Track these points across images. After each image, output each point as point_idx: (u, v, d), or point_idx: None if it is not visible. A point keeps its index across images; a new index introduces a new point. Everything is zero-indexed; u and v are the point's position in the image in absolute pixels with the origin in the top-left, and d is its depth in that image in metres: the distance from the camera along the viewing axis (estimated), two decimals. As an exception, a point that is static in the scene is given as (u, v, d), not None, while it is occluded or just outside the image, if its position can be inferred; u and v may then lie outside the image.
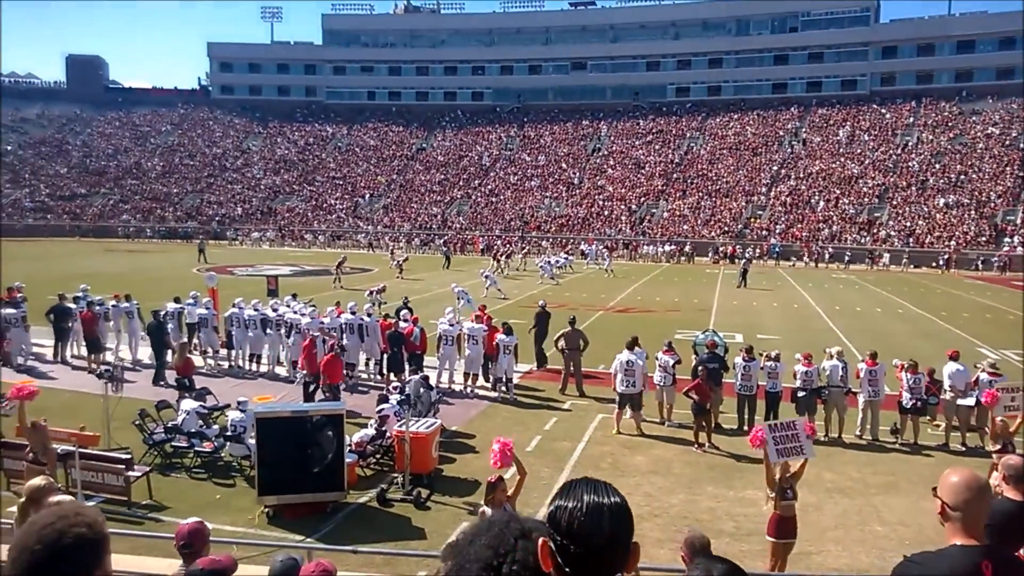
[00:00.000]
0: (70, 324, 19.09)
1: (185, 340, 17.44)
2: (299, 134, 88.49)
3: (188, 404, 12.35)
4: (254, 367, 18.05)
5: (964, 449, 13.41)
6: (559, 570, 1.78)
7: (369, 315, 18.03)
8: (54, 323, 19.01)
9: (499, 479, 8.16)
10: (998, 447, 10.30)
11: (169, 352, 18.03)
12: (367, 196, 75.64)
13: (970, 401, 13.48)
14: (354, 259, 49.34)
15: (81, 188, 78.73)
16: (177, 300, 19.42)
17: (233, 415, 11.93)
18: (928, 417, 14.15)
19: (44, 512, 2.17)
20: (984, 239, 53.82)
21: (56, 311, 19.02)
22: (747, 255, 46.82)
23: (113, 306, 19.33)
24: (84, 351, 18.65)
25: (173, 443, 11.77)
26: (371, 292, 27.08)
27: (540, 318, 18.72)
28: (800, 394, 13.78)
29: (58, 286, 22.13)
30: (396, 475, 11.03)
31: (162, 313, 18.66)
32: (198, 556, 4.73)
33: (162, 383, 16.57)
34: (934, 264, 51.13)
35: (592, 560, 1.75)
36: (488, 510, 7.60)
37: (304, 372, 15.23)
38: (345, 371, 15.90)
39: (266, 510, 9.88)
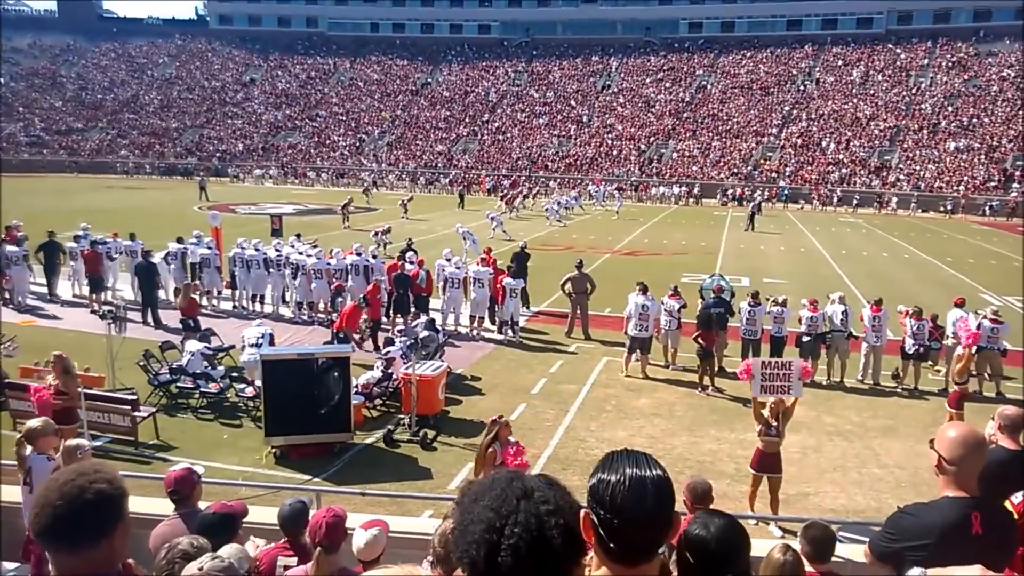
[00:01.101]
0: (60, 261, 19.13)
1: (189, 280, 17.39)
2: (300, 67, 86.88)
3: (193, 345, 12.39)
4: (257, 307, 18.06)
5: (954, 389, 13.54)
6: (602, 543, 1.78)
7: (375, 256, 17.98)
8: (44, 260, 19.02)
9: (500, 416, 8.27)
10: (963, 380, 11.20)
11: (161, 292, 18.11)
12: (376, 132, 74.71)
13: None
14: (358, 199, 49.07)
15: (77, 122, 77.55)
16: (180, 240, 19.30)
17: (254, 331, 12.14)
18: (929, 363, 14.21)
19: (65, 469, 2.20)
20: (993, 184, 53.23)
21: (45, 248, 19.00)
22: (756, 198, 46.23)
23: (112, 244, 19.19)
24: (86, 290, 18.64)
25: (179, 384, 11.85)
26: (376, 233, 26.97)
27: (518, 258, 18.48)
28: (804, 339, 13.81)
29: (57, 223, 22.03)
30: (402, 416, 11.13)
31: (164, 254, 18.63)
32: (187, 502, 4.76)
33: (151, 324, 16.57)
34: (942, 208, 50.72)
35: (635, 533, 1.75)
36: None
37: (366, 318, 15.31)
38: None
39: (273, 450, 9.99)
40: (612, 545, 1.76)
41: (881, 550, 3.29)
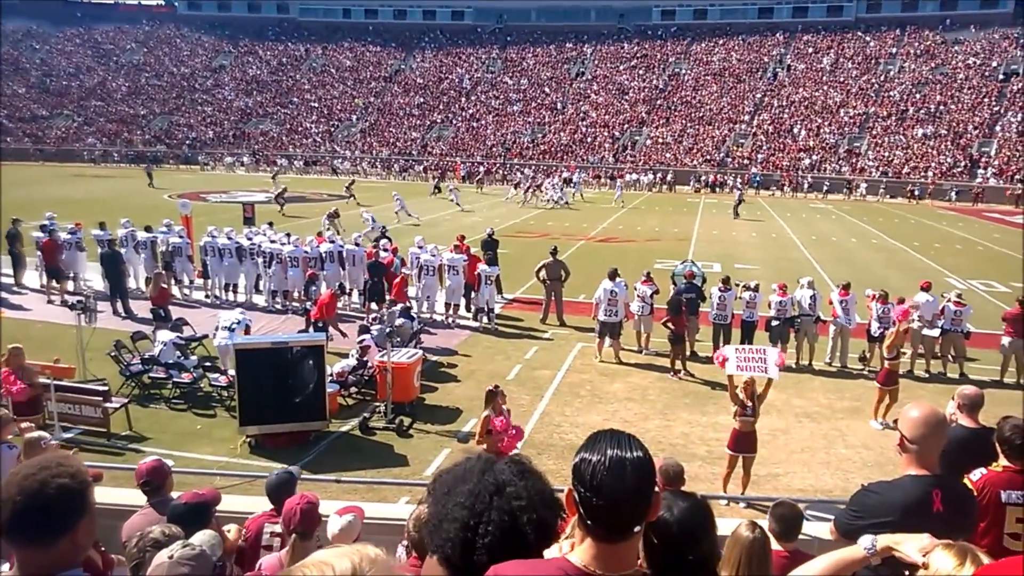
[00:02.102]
0: (20, 249, 18.91)
1: (160, 270, 17.20)
2: (271, 53, 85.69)
3: (164, 335, 12.27)
4: (230, 296, 17.91)
5: (928, 375, 13.84)
6: (583, 519, 1.84)
7: (357, 244, 17.84)
8: (9, 250, 18.78)
9: (496, 387, 8.51)
10: (891, 356, 11.44)
11: (131, 280, 17.93)
12: (353, 118, 74.02)
13: (936, 332, 13.83)
14: (331, 185, 48.72)
15: (42, 109, 75.80)
16: (148, 229, 19.07)
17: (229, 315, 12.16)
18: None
19: (27, 463, 2.16)
20: (959, 170, 54.10)
21: (9, 238, 18.78)
22: (740, 187, 46.25)
23: (79, 235, 18.89)
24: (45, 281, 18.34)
25: (151, 374, 11.74)
26: (328, 216, 26.98)
27: (487, 245, 18.47)
28: (774, 323, 14.02)
29: (24, 212, 21.59)
30: (378, 404, 11.14)
31: (135, 243, 18.40)
32: (159, 492, 4.76)
33: (122, 314, 16.39)
34: (909, 194, 51.46)
35: (613, 512, 1.80)
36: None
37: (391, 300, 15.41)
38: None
39: (248, 440, 9.97)
40: (591, 522, 1.82)
41: (846, 527, 3.37)
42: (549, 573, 1.83)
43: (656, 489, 1.88)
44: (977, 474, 4.23)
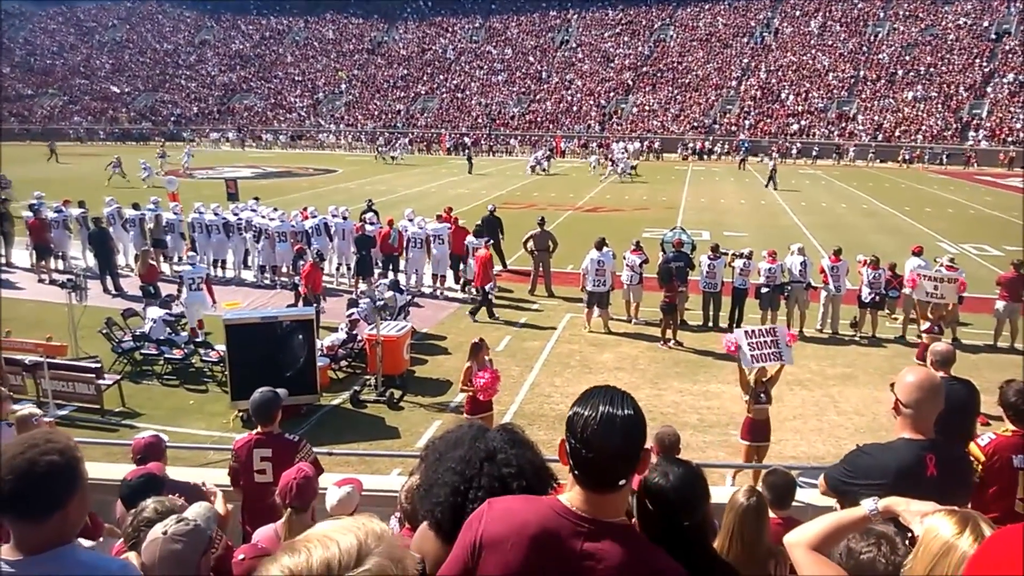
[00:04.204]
0: (11, 230, 18.99)
1: (148, 247, 17.11)
2: (253, 27, 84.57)
3: (154, 312, 12.24)
4: (219, 272, 17.85)
5: (920, 341, 13.86)
6: (572, 469, 1.92)
7: (345, 217, 17.74)
8: None
9: (481, 340, 8.61)
10: (926, 327, 11.17)
11: (122, 257, 17.85)
12: (337, 91, 73.25)
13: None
14: (317, 159, 48.39)
15: (27, 88, 75.03)
16: (136, 206, 18.96)
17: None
18: (886, 311, 14.55)
19: (15, 440, 2.15)
20: (950, 133, 54.06)
21: None
22: (775, 157, 43.86)
23: (65, 213, 18.74)
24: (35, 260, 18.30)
25: (142, 351, 11.73)
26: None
27: (487, 222, 17.99)
28: (764, 290, 14.03)
29: (65, 192, 21.40)
30: (368, 377, 11.16)
31: (123, 221, 18.29)
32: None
33: (112, 292, 16.35)
34: (899, 158, 51.44)
35: (601, 465, 1.87)
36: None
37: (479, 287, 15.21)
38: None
39: (240, 414, 9.97)
40: (578, 473, 1.90)
41: (835, 484, 3.39)
42: (540, 508, 1.93)
43: (646, 446, 1.93)
44: (985, 439, 4.26)
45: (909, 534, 2.25)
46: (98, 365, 10.59)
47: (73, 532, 2.19)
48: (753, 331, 8.45)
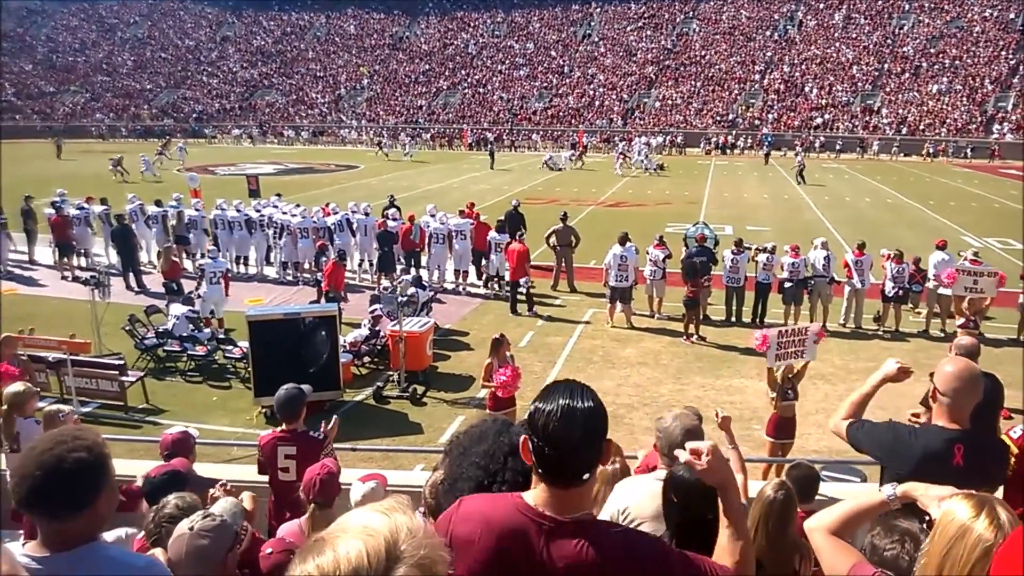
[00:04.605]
0: (34, 226, 19.17)
1: (171, 244, 17.25)
2: (275, 23, 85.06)
3: (177, 309, 12.34)
4: (242, 269, 17.97)
5: (943, 335, 13.65)
6: (536, 466, 1.92)
7: (367, 213, 17.77)
8: (23, 227, 19.05)
9: (502, 335, 8.60)
10: (961, 323, 10.80)
11: (145, 254, 18.02)
12: (359, 87, 73.48)
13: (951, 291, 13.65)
14: (338, 155, 48.61)
15: (49, 86, 75.79)
16: (159, 203, 19.11)
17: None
18: (910, 305, 14.37)
19: (43, 437, 2.16)
20: (975, 126, 53.25)
21: (22, 213, 19.07)
22: (800, 152, 43.13)
23: (88, 210, 18.93)
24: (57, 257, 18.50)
25: (165, 348, 11.83)
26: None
27: (510, 218, 17.77)
28: (787, 285, 13.92)
29: (33, 189, 21.62)
30: (391, 373, 11.19)
31: (145, 217, 18.46)
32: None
33: (134, 289, 16.48)
34: (924, 152, 50.73)
35: (565, 459, 1.87)
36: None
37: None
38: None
39: (263, 410, 10.03)
40: (542, 470, 1.89)
41: (856, 441, 3.46)
42: (505, 507, 1.93)
43: (607, 438, 1.95)
44: (1018, 431, 4.23)
45: (927, 517, 2.24)
46: (121, 362, 10.69)
47: (100, 529, 2.20)
48: (787, 331, 8.28)
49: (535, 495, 1.93)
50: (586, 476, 1.91)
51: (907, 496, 2.39)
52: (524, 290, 14.92)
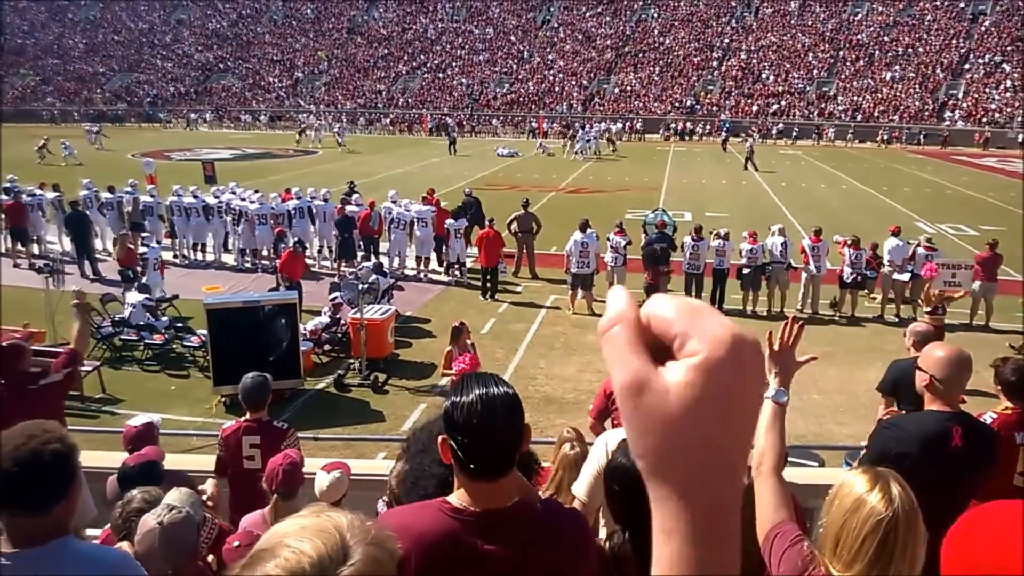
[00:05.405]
0: None
1: (126, 231, 16.89)
2: (230, 5, 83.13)
3: (133, 297, 12.12)
4: (199, 256, 17.69)
5: (897, 320, 13.98)
6: (462, 463, 1.86)
7: (326, 200, 17.60)
8: None
9: (462, 323, 8.61)
10: (928, 310, 10.99)
11: (99, 241, 17.64)
12: (317, 71, 72.43)
13: (906, 276, 13.99)
14: (288, 140, 47.96)
15: (-2, 68, 73.54)
16: (112, 189, 18.66)
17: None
18: (866, 291, 14.69)
19: (8, 433, 2.12)
20: (927, 113, 54.44)
21: None
22: (751, 139, 43.91)
23: (40, 197, 18.42)
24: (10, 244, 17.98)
25: (122, 336, 11.61)
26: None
27: (467, 206, 17.95)
28: (745, 271, 14.12)
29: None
30: (352, 361, 11.14)
31: (99, 204, 18.04)
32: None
33: (90, 277, 16.12)
34: (878, 139, 51.75)
35: (492, 448, 1.85)
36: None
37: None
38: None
39: (223, 399, 9.93)
40: (473, 465, 1.85)
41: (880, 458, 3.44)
42: (432, 516, 1.88)
43: (525, 423, 1.93)
44: (988, 417, 4.36)
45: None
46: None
47: (70, 523, 2.18)
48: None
49: (461, 495, 1.90)
50: (513, 465, 1.90)
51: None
52: (489, 276, 14.96)
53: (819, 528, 1.98)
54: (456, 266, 16.25)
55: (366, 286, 11.09)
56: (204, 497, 4.63)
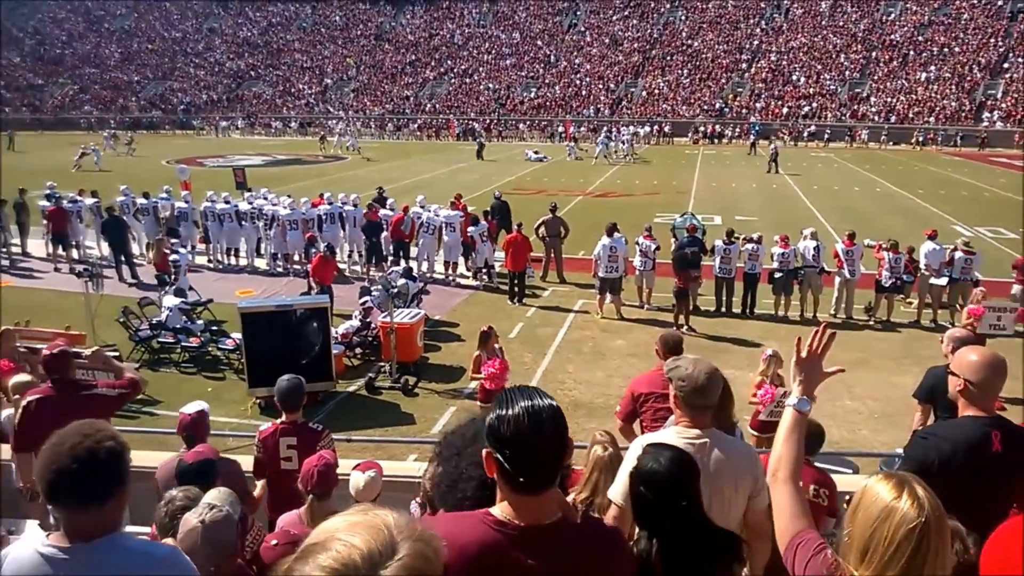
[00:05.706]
0: (26, 218, 19.08)
1: (162, 236, 17.19)
2: (261, 13, 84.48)
3: (170, 300, 12.33)
4: (232, 261, 17.95)
5: (933, 326, 13.71)
6: (508, 476, 1.85)
7: (355, 205, 17.77)
8: (16, 219, 18.96)
9: (490, 328, 8.63)
10: (967, 320, 10.88)
11: (135, 246, 17.97)
12: (345, 77, 73.15)
13: (943, 280, 13.72)
14: (312, 147, 48.43)
15: (37, 78, 75.28)
16: (147, 195, 19.03)
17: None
18: (901, 295, 14.46)
19: (65, 432, 2.21)
20: (964, 114, 53.47)
21: (15, 206, 19.00)
22: (775, 141, 43.54)
23: (80, 203, 18.87)
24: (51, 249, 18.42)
25: (159, 339, 11.83)
26: None
27: (498, 208, 18.03)
28: (776, 275, 13.96)
29: (24, 182, 21.51)
30: (383, 364, 11.22)
31: (134, 210, 18.40)
32: (201, 443, 4.88)
33: (128, 281, 16.46)
34: (913, 141, 50.95)
35: (539, 461, 1.85)
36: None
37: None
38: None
39: (258, 401, 10.06)
40: (521, 478, 1.84)
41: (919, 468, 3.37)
42: (475, 526, 1.88)
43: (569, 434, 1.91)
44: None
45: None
46: (116, 353, 10.66)
47: (121, 520, 2.26)
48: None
49: (504, 508, 1.90)
50: (557, 478, 1.90)
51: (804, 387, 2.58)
52: (517, 281, 14.98)
53: (844, 537, 1.95)
54: (484, 269, 16.28)
55: (395, 290, 11.17)
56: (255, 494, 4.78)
